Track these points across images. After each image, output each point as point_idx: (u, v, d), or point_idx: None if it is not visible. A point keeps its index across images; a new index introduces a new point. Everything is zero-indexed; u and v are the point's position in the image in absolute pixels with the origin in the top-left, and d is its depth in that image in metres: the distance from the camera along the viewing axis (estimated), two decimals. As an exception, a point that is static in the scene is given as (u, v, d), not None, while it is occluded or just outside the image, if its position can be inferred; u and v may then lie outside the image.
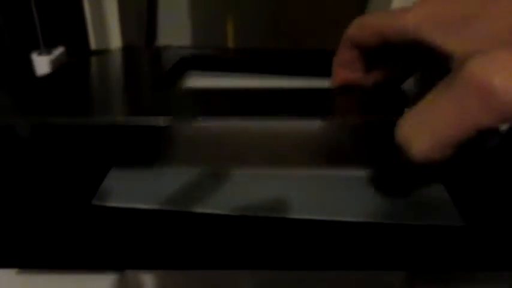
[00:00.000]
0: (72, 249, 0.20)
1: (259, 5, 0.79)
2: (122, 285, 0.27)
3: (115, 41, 0.49)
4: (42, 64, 0.38)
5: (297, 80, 0.40)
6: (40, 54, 0.39)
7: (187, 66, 0.40)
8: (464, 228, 0.23)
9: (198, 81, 0.38)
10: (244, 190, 0.24)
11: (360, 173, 0.27)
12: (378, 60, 0.25)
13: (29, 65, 0.39)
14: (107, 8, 0.47)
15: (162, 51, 0.46)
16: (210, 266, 0.21)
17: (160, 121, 0.20)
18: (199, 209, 0.22)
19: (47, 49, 0.39)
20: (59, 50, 0.40)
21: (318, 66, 0.44)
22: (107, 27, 0.48)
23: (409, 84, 0.28)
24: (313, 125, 0.32)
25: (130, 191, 0.24)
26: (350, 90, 0.26)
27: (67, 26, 0.46)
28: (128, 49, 0.46)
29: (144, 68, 0.39)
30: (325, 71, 0.41)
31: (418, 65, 0.25)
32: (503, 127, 0.28)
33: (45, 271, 0.27)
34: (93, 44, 0.47)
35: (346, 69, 0.26)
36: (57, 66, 0.39)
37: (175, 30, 1.00)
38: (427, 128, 0.17)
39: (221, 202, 0.23)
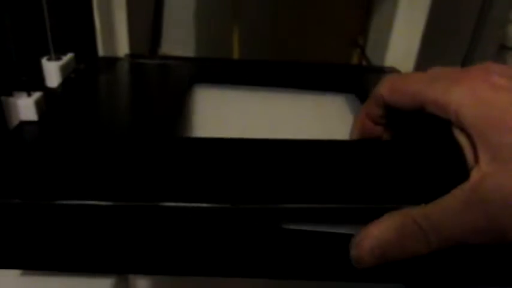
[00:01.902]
0: (76, 251, 0.21)
1: (263, 17, 0.80)
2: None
3: (122, 48, 0.49)
4: (51, 69, 0.39)
5: (302, 94, 0.40)
6: (50, 59, 0.40)
7: (194, 80, 0.40)
8: None
9: (205, 97, 0.39)
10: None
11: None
12: (403, 116, 0.25)
13: (39, 70, 0.40)
14: (116, 15, 0.48)
15: (166, 62, 0.46)
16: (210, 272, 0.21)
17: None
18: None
19: (57, 55, 0.40)
20: (68, 56, 0.41)
21: (322, 80, 0.45)
22: (115, 35, 0.48)
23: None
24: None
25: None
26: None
27: (76, 33, 0.47)
28: (133, 59, 0.47)
29: (151, 86, 0.40)
30: (329, 85, 0.42)
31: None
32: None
33: (48, 273, 0.28)
34: (101, 51, 0.48)
35: (372, 122, 0.26)
36: (66, 72, 0.40)
37: (179, 39, 1.01)
38: None
39: None
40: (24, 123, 0.31)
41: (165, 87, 0.40)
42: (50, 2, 0.38)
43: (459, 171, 0.21)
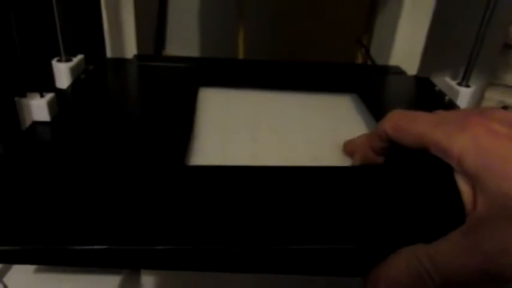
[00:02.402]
0: (89, 247, 0.21)
1: (268, 16, 0.80)
2: (135, 285, 0.28)
3: (130, 49, 0.50)
4: (61, 71, 0.40)
5: (308, 95, 0.41)
6: (60, 61, 0.41)
7: (202, 82, 0.41)
8: None
9: (212, 99, 0.39)
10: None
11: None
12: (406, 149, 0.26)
13: (49, 72, 0.40)
14: (124, 17, 0.48)
15: (173, 64, 0.47)
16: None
17: None
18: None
19: (67, 56, 0.41)
20: (77, 58, 0.42)
21: (327, 80, 0.45)
22: (123, 36, 0.49)
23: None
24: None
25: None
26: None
27: (85, 34, 0.47)
28: (141, 60, 0.47)
29: (159, 88, 0.41)
30: (335, 86, 0.42)
31: None
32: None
33: (62, 270, 0.29)
34: (109, 52, 0.49)
35: (374, 152, 0.27)
36: (76, 73, 0.41)
37: (183, 39, 1.01)
38: None
39: None
40: (37, 124, 0.32)
41: (173, 89, 0.40)
42: (60, 4, 0.39)
43: (457, 214, 0.21)
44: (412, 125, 0.24)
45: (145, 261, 0.22)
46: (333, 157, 0.31)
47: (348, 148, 0.30)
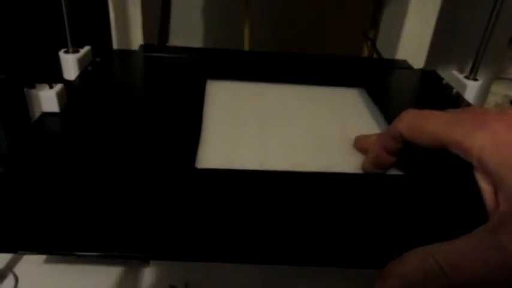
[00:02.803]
0: (100, 234, 0.22)
1: (274, 9, 0.80)
2: (145, 276, 0.28)
3: (136, 40, 0.50)
4: (69, 62, 0.40)
5: (315, 87, 0.41)
6: (67, 52, 0.40)
7: (208, 74, 0.41)
8: None
9: (219, 91, 0.39)
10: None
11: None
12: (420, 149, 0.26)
13: (57, 63, 0.40)
14: (130, 9, 0.48)
15: (179, 56, 0.47)
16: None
17: None
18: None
19: (74, 48, 0.41)
20: (85, 49, 0.42)
21: (334, 74, 0.45)
22: (130, 28, 0.49)
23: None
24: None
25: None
26: None
27: (92, 26, 0.47)
28: (147, 51, 0.47)
29: (166, 80, 0.41)
30: (341, 79, 0.42)
31: None
32: None
33: (72, 261, 0.29)
34: (115, 44, 0.49)
35: (386, 153, 0.27)
36: (83, 65, 0.41)
37: (189, 30, 1.01)
38: None
39: None
40: (47, 115, 0.32)
41: (181, 82, 0.40)
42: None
43: (478, 213, 0.21)
44: (427, 124, 0.24)
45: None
46: (339, 151, 0.31)
47: (359, 145, 0.30)
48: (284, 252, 0.21)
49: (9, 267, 0.28)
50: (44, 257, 0.29)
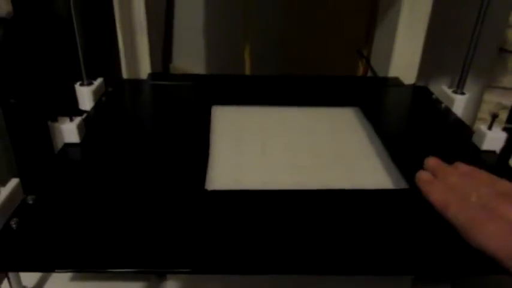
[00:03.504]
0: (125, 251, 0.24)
1: (272, 31, 0.83)
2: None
3: (144, 69, 0.53)
4: (84, 94, 0.43)
5: (313, 108, 0.44)
6: (82, 85, 0.44)
7: (213, 100, 0.44)
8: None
9: (223, 116, 0.43)
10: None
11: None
12: None
13: (73, 94, 0.44)
14: (138, 39, 0.52)
15: (186, 83, 0.50)
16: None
17: None
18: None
19: (88, 81, 0.44)
20: (98, 81, 0.45)
21: (331, 95, 0.48)
22: (138, 58, 0.52)
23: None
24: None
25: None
26: None
27: (103, 58, 0.51)
28: (155, 80, 0.51)
29: (174, 107, 0.44)
30: (338, 100, 0.45)
31: None
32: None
33: (96, 277, 0.32)
34: (124, 73, 0.53)
35: None
36: (97, 96, 0.44)
37: (191, 51, 1.05)
38: None
39: None
40: (68, 145, 0.35)
41: (188, 108, 0.44)
42: (81, 32, 0.42)
43: None
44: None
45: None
46: (337, 169, 0.34)
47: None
48: (289, 262, 0.24)
49: (40, 285, 0.31)
50: (70, 274, 0.32)
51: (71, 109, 0.37)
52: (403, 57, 0.56)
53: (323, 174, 0.33)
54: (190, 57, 1.08)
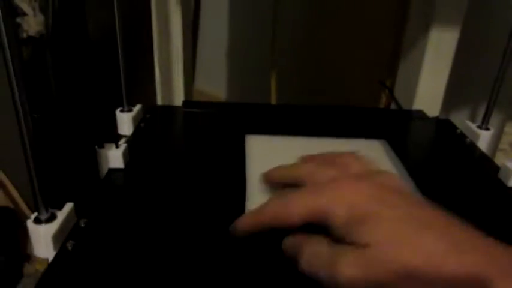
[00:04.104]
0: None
1: (298, 61, 0.86)
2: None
3: (178, 96, 0.56)
4: (124, 120, 0.46)
5: (340, 139, 0.46)
6: (123, 111, 0.46)
7: (245, 130, 0.46)
8: None
9: (255, 145, 0.44)
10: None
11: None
12: None
13: (113, 121, 0.46)
14: (174, 69, 0.55)
15: (218, 111, 0.53)
16: None
17: None
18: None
19: (128, 107, 0.47)
20: (137, 107, 0.48)
21: (357, 127, 0.50)
22: (172, 87, 0.55)
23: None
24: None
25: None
26: None
27: (141, 86, 0.53)
28: (189, 107, 0.53)
29: (208, 135, 0.46)
30: (364, 131, 0.47)
31: None
32: None
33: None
34: (159, 100, 0.55)
35: None
36: (136, 122, 0.47)
37: (214, 79, 1.08)
38: None
39: None
40: (113, 170, 0.38)
41: (220, 136, 0.46)
42: (124, 61, 0.45)
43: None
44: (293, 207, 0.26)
45: None
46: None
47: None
48: None
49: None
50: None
51: (114, 135, 0.39)
52: (428, 90, 0.58)
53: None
54: (213, 81, 1.11)
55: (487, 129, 0.48)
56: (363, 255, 0.22)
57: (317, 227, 0.25)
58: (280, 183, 0.31)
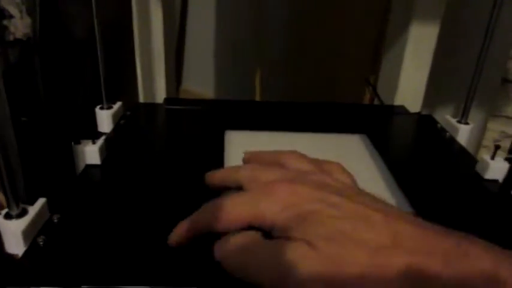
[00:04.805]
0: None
1: (283, 58, 0.86)
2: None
3: (160, 93, 0.56)
4: (104, 117, 0.45)
5: (322, 134, 0.46)
6: (102, 108, 0.46)
7: (226, 125, 0.46)
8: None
9: (235, 141, 0.44)
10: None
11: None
12: None
13: (93, 118, 0.46)
14: (156, 67, 0.54)
15: (200, 108, 0.52)
16: None
17: None
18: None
19: (108, 104, 0.46)
20: (117, 105, 0.48)
21: (339, 122, 0.50)
22: (154, 84, 0.55)
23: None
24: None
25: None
26: None
27: (122, 83, 0.53)
28: (170, 105, 0.53)
29: (189, 131, 0.46)
30: (345, 127, 0.47)
31: None
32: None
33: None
34: (141, 97, 0.55)
35: None
36: (116, 119, 0.47)
37: (201, 78, 1.07)
38: None
39: None
40: (89, 167, 0.37)
41: (202, 133, 0.46)
42: (104, 57, 0.45)
43: None
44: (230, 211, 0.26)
45: None
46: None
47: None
48: None
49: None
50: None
51: (93, 132, 0.39)
52: (409, 86, 0.58)
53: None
54: (200, 80, 1.11)
55: (467, 123, 0.48)
56: (308, 254, 0.21)
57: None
58: (222, 185, 0.31)
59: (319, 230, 0.22)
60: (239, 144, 0.43)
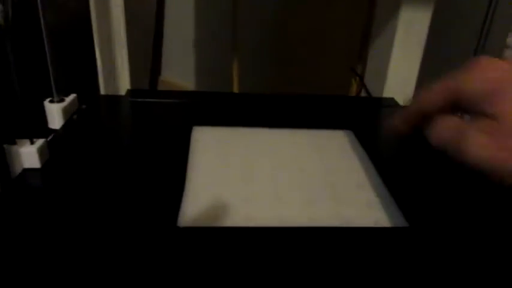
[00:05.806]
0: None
1: (262, 47, 0.81)
2: None
3: (124, 84, 0.50)
4: (53, 112, 0.40)
5: (302, 130, 0.41)
6: (52, 101, 0.40)
7: (195, 121, 0.41)
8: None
9: (205, 137, 0.39)
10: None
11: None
12: None
13: (42, 113, 0.40)
14: (117, 53, 0.48)
15: (167, 101, 0.47)
16: None
17: None
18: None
19: (59, 96, 0.41)
20: (70, 98, 0.42)
21: (321, 117, 0.45)
22: (117, 72, 0.49)
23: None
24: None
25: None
26: None
27: (78, 73, 0.47)
28: (134, 97, 0.47)
29: (153, 127, 0.41)
30: (328, 122, 0.42)
31: None
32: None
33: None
34: (102, 89, 0.49)
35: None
36: (69, 114, 0.41)
37: (180, 67, 1.02)
38: None
39: None
40: (27, 171, 0.32)
41: (167, 129, 0.40)
42: (52, 44, 0.39)
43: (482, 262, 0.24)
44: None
45: None
46: (327, 201, 0.30)
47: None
48: None
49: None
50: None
51: (33, 130, 0.33)
52: (399, 77, 0.53)
53: (311, 207, 0.30)
54: (180, 70, 1.05)
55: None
56: (491, 133, 0.21)
57: None
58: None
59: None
60: (208, 142, 0.38)
